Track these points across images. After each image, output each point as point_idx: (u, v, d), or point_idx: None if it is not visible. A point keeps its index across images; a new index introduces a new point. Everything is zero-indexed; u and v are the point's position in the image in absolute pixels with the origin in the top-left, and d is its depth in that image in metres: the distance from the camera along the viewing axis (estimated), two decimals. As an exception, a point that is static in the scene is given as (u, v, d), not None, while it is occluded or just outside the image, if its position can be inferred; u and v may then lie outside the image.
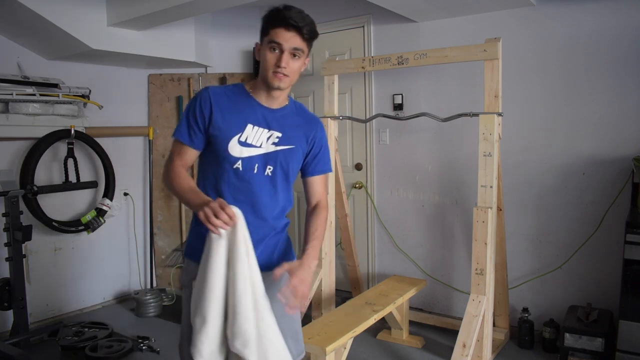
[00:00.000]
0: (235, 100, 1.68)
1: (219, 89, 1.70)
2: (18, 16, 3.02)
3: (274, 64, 1.60)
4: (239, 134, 1.64)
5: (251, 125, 1.66)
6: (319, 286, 3.27)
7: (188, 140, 1.67)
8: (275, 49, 1.60)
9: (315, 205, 1.83)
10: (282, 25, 1.58)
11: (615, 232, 2.94)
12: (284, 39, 1.58)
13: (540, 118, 3.19)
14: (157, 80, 4.33)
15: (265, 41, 1.62)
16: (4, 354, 2.24)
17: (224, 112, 1.65)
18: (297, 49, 1.60)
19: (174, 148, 1.72)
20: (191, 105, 1.68)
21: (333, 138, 3.34)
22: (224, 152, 1.64)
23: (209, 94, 1.67)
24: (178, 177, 1.66)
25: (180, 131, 1.69)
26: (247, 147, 1.65)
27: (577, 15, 3.02)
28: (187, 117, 1.67)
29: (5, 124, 3.30)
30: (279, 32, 1.58)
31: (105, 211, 3.78)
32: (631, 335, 2.51)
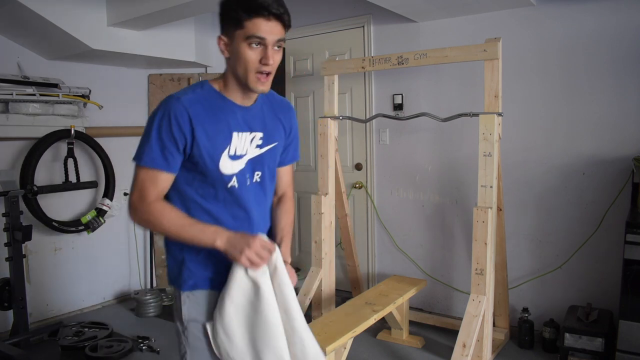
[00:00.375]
0: (213, 107, 1.41)
1: (191, 97, 1.39)
2: (18, 16, 3.02)
3: (257, 62, 1.36)
4: (228, 148, 1.42)
5: (236, 134, 1.44)
6: (319, 286, 3.27)
7: (164, 165, 1.37)
8: (256, 44, 1.34)
9: (281, 196, 1.68)
10: (261, 15, 1.32)
11: (615, 232, 2.94)
12: (267, 31, 1.33)
13: (540, 118, 3.19)
14: (157, 80, 4.33)
15: (239, 36, 1.34)
16: (4, 354, 2.24)
17: (207, 126, 1.39)
18: (280, 39, 1.38)
19: (144, 178, 1.39)
20: (163, 122, 1.36)
21: (333, 138, 3.34)
22: (215, 173, 1.42)
23: (184, 106, 1.36)
24: (162, 213, 1.39)
25: (154, 158, 1.36)
26: (237, 160, 1.45)
27: (577, 15, 3.02)
28: (160, 137, 1.35)
29: (5, 124, 3.30)
30: (258, 24, 1.32)
31: (105, 211, 3.78)
32: (631, 335, 2.51)
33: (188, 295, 1.48)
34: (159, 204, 1.40)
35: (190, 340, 1.48)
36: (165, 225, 1.39)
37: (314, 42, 4.10)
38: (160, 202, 1.41)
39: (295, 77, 4.26)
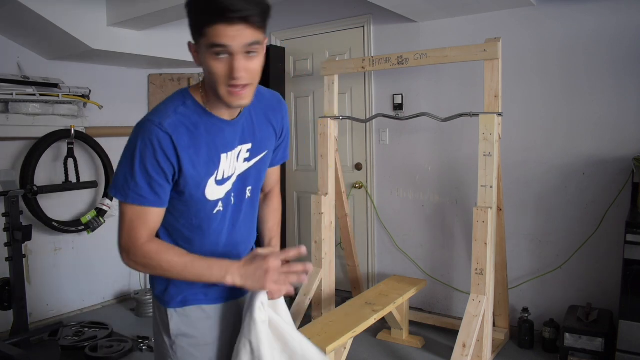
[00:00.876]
0: (196, 128, 1.22)
1: (174, 121, 1.19)
2: (18, 16, 3.02)
3: (225, 76, 1.13)
4: (215, 173, 1.26)
5: (225, 155, 1.27)
6: (319, 286, 3.27)
7: (155, 201, 1.20)
8: (220, 53, 1.11)
9: (267, 193, 1.55)
10: (220, 19, 1.07)
11: (615, 232, 2.94)
12: (230, 37, 1.08)
13: (540, 118, 3.19)
14: (157, 80, 4.33)
15: (203, 45, 1.12)
16: (4, 354, 2.24)
17: (192, 152, 1.21)
18: (252, 43, 1.11)
19: (132, 217, 1.20)
20: (146, 152, 1.16)
21: (333, 138, 3.34)
22: (199, 202, 1.27)
23: (167, 133, 1.17)
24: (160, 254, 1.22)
25: (141, 194, 1.18)
26: (225, 183, 1.29)
27: (577, 15, 3.02)
28: (145, 169, 1.17)
29: (5, 124, 3.30)
30: (219, 31, 1.08)
31: (105, 211, 3.78)
32: (631, 335, 2.51)
33: (176, 310, 1.35)
34: (153, 245, 1.23)
35: (179, 355, 1.35)
36: (166, 267, 1.23)
37: (314, 42, 4.10)
38: (154, 242, 1.24)
39: (295, 77, 4.26)
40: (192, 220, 1.29)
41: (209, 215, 1.29)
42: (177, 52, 3.87)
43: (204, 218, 1.29)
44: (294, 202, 4.31)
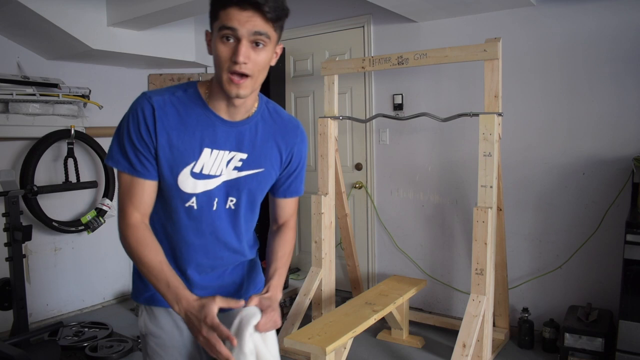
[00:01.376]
0: (187, 115, 1.22)
1: (165, 98, 1.21)
2: (18, 16, 3.02)
3: (228, 59, 1.14)
4: (192, 164, 1.22)
5: (208, 150, 1.23)
6: (319, 286, 3.27)
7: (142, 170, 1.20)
8: (228, 37, 1.13)
9: (281, 225, 1.48)
10: (234, 3, 1.11)
11: (615, 232, 2.95)
12: (239, 21, 1.11)
13: (540, 118, 3.19)
14: (157, 80, 4.33)
15: (215, 28, 1.16)
16: (4, 354, 2.24)
17: (171, 134, 1.20)
18: (259, 33, 1.13)
19: (122, 188, 1.23)
20: (131, 119, 1.20)
21: (333, 138, 3.34)
22: (171, 188, 1.23)
23: (151, 105, 1.19)
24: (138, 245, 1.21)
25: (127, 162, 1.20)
26: (203, 179, 1.24)
27: (577, 15, 3.02)
28: (129, 136, 1.19)
29: (5, 124, 3.30)
30: (230, 14, 1.11)
31: (105, 211, 3.78)
32: (631, 335, 2.51)
33: (145, 307, 1.36)
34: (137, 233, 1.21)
35: (149, 352, 1.36)
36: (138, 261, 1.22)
37: (314, 42, 4.10)
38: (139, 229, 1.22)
39: (295, 77, 4.26)
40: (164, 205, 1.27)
41: (178, 207, 1.26)
42: (177, 52, 3.87)
43: (175, 209, 1.26)
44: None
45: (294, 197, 1.46)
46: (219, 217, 1.29)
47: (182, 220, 1.27)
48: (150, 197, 1.24)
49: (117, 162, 1.22)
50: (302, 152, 1.39)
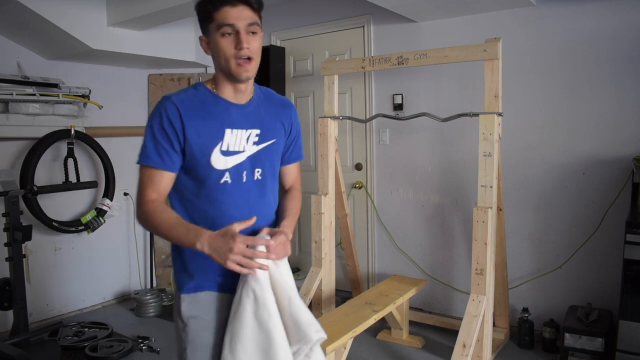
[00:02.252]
0: (205, 105, 1.44)
1: (182, 96, 1.44)
2: (18, 16, 3.02)
3: (233, 49, 1.37)
4: (220, 143, 1.44)
5: (229, 130, 1.45)
6: (319, 286, 3.27)
7: (159, 162, 1.40)
8: (228, 33, 1.37)
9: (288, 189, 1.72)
10: (225, 3, 1.35)
11: (615, 232, 2.94)
12: (235, 17, 1.36)
13: (540, 118, 3.19)
14: (157, 80, 4.33)
15: (212, 29, 1.38)
16: (4, 354, 2.24)
17: (197, 122, 1.41)
18: (252, 23, 1.39)
19: (144, 178, 1.43)
20: (155, 120, 1.41)
21: (333, 138, 3.34)
22: (206, 168, 1.43)
23: (174, 104, 1.40)
24: (156, 213, 1.38)
25: (148, 155, 1.40)
26: (231, 156, 1.46)
27: (577, 15, 3.02)
28: (153, 135, 1.40)
29: (5, 124, 3.30)
30: (226, 12, 1.35)
31: (105, 211, 3.78)
32: (631, 335, 2.51)
33: (188, 295, 1.50)
34: (156, 204, 1.40)
35: (190, 337, 1.48)
36: (157, 225, 1.39)
37: (314, 42, 4.10)
38: (155, 202, 1.40)
39: (295, 77, 4.26)
40: (203, 189, 1.44)
41: (215, 184, 1.44)
42: (177, 52, 3.87)
43: (212, 187, 1.44)
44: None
45: (296, 162, 1.71)
46: (249, 189, 1.49)
47: (220, 197, 1.45)
48: (167, 185, 1.44)
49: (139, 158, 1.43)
50: (297, 123, 1.66)
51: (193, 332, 1.47)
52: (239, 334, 1.39)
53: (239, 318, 1.40)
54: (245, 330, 1.39)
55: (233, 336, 1.40)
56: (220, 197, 1.45)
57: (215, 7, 1.36)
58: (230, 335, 1.41)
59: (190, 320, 1.48)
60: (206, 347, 1.47)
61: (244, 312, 1.39)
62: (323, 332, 1.47)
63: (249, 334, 1.39)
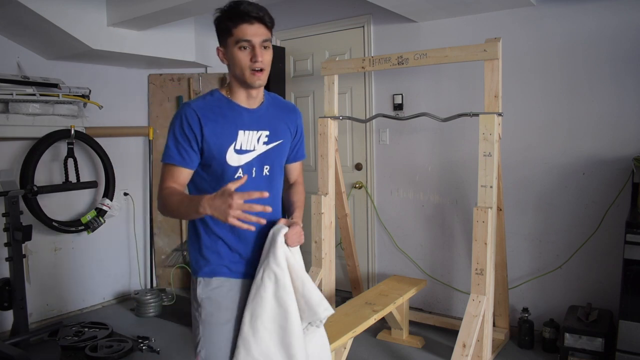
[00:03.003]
0: (221, 109, 1.64)
1: (200, 103, 1.64)
2: (18, 16, 3.02)
3: (248, 61, 1.57)
4: (234, 143, 1.63)
5: (242, 131, 1.65)
6: (319, 286, 3.27)
7: (179, 160, 1.60)
8: (245, 47, 1.56)
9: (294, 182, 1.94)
10: (244, 21, 1.54)
11: (615, 232, 2.94)
12: (251, 34, 1.55)
13: (540, 118, 3.19)
14: (157, 80, 4.33)
15: (231, 42, 1.58)
16: (4, 354, 2.24)
17: (214, 125, 1.61)
18: (266, 40, 1.58)
19: (165, 173, 1.64)
20: (176, 124, 1.61)
21: (333, 138, 3.34)
22: (223, 164, 1.62)
23: (193, 109, 1.60)
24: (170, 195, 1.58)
25: (170, 154, 1.61)
26: (244, 154, 1.65)
27: (577, 15, 3.02)
28: (175, 137, 1.60)
29: (5, 124, 3.30)
30: (243, 29, 1.54)
31: (105, 211, 3.78)
32: (631, 335, 2.51)
33: (204, 279, 1.68)
34: (169, 189, 1.59)
35: (203, 317, 1.65)
36: (170, 204, 1.57)
37: (314, 42, 4.10)
38: (170, 188, 1.59)
39: (295, 77, 4.26)
40: (219, 183, 1.61)
41: (230, 179, 1.61)
42: (177, 52, 3.87)
43: (227, 181, 1.59)
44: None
45: (300, 161, 1.92)
46: (258, 183, 1.68)
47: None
48: (185, 179, 1.64)
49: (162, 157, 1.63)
50: (301, 126, 1.87)
51: (206, 312, 1.65)
52: (259, 312, 1.60)
53: (260, 297, 1.60)
54: (265, 309, 1.60)
55: (253, 313, 1.60)
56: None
57: (235, 24, 1.55)
58: (250, 312, 1.61)
59: (205, 301, 1.65)
60: (218, 326, 1.65)
61: (265, 293, 1.60)
62: (331, 309, 1.68)
63: (269, 312, 1.60)
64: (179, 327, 3.61)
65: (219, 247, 1.66)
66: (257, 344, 1.59)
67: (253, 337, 1.59)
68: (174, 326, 3.63)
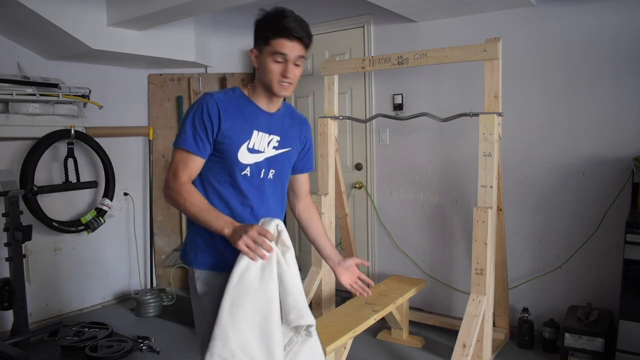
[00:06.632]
0: (240, 107, 1.67)
1: (222, 96, 1.66)
2: (18, 16, 3.02)
3: (279, 74, 1.61)
4: (247, 141, 1.66)
5: (256, 132, 1.68)
6: (319, 286, 3.27)
7: (195, 149, 1.61)
8: (279, 60, 1.60)
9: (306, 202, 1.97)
10: (284, 36, 1.57)
11: (615, 232, 2.94)
12: (289, 49, 1.58)
13: (540, 118, 3.19)
14: (157, 80, 4.33)
15: (266, 51, 1.61)
16: (4, 354, 2.24)
17: (232, 119, 1.63)
18: (300, 57, 1.63)
19: (178, 159, 1.63)
20: (196, 112, 1.62)
21: (333, 138, 3.34)
22: (234, 160, 1.65)
23: (215, 101, 1.62)
24: (189, 194, 1.59)
25: (186, 140, 1.61)
26: (255, 154, 1.68)
27: (577, 15, 3.02)
28: (193, 124, 1.61)
29: (5, 124, 3.30)
30: (282, 43, 1.58)
31: (105, 211, 3.78)
32: (631, 335, 2.51)
33: (201, 272, 1.70)
34: (189, 186, 1.60)
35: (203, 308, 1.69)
36: (188, 205, 1.58)
37: (314, 42, 4.06)
38: (189, 185, 1.61)
39: (295, 77, 4.26)
40: (225, 175, 1.67)
41: (237, 174, 1.66)
42: (177, 52, 3.87)
43: (234, 176, 1.66)
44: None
45: (309, 172, 1.96)
46: (263, 184, 1.72)
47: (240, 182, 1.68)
48: (197, 169, 1.64)
49: (177, 142, 1.62)
50: (311, 138, 1.92)
51: (205, 305, 1.68)
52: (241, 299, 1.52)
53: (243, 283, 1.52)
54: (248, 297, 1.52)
55: (234, 301, 1.52)
56: (243, 187, 1.68)
57: (275, 35, 1.57)
58: (230, 300, 1.52)
59: (204, 296, 1.69)
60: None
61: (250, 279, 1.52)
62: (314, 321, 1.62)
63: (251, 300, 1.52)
64: (179, 327, 3.61)
65: (219, 242, 1.66)
66: (235, 336, 1.50)
67: (232, 328, 1.50)
68: (174, 326, 3.63)
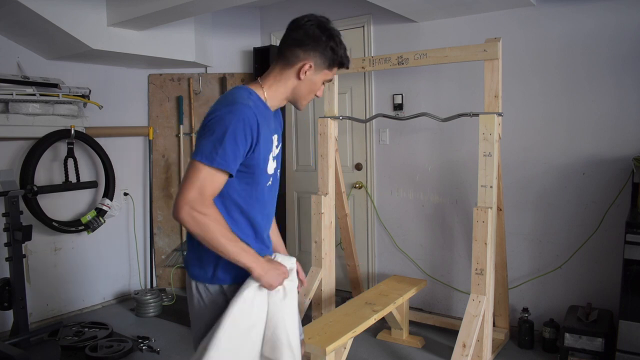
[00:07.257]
0: (265, 114, 1.54)
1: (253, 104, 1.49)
2: (18, 16, 3.02)
3: (314, 92, 1.63)
4: (272, 150, 1.59)
5: (275, 136, 1.62)
6: (319, 286, 3.27)
7: (232, 168, 1.44)
8: (325, 83, 1.64)
9: None
10: (341, 67, 1.62)
11: (615, 232, 2.95)
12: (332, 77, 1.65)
13: (540, 118, 3.19)
14: (157, 80, 4.33)
15: (324, 74, 1.60)
16: (4, 354, 2.24)
17: (264, 131, 1.51)
18: None
19: (206, 176, 1.41)
20: (239, 127, 1.42)
21: (333, 138, 3.34)
22: (263, 173, 1.55)
23: (254, 113, 1.46)
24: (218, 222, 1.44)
25: (226, 159, 1.41)
26: (273, 160, 1.61)
27: (577, 15, 3.02)
28: (235, 140, 1.41)
29: (5, 124, 3.30)
30: (335, 72, 1.63)
31: (105, 211, 3.78)
32: (631, 335, 2.51)
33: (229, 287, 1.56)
34: (216, 211, 1.45)
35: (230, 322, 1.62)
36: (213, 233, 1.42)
37: (314, 42, 4.09)
38: (216, 211, 1.45)
39: (295, 77, 4.26)
40: (251, 190, 1.55)
41: (263, 187, 1.58)
42: (177, 52, 3.87)
43: (261, 190, 1.57)
44: (294, 202, 4.31)
45: None
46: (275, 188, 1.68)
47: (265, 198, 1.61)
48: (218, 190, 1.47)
49: (212, 160, 1.40)
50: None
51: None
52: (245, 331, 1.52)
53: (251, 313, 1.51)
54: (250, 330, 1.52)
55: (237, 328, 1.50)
56: (265, 197, 1.61)
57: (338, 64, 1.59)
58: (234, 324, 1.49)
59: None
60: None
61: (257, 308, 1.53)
62: None
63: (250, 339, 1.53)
64: (179, 327, 3.61)
65: None
66: None
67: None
68: (174, 326, 3.63)
